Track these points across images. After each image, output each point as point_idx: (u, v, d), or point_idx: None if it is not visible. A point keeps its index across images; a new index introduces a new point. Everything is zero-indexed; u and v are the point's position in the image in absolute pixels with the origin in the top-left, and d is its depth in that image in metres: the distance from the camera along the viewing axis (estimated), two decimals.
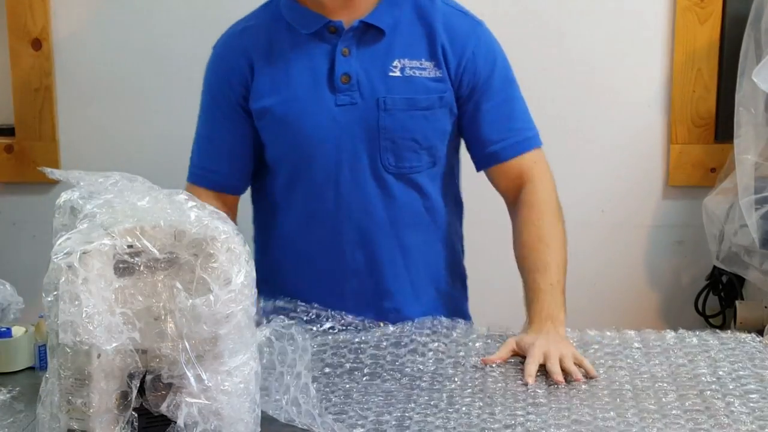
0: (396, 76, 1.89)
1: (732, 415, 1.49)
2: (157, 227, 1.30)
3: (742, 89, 2.41)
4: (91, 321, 1.25)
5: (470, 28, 1.94)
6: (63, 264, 1.25)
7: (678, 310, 2.79)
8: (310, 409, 1.44)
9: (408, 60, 1.90)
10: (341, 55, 1.88)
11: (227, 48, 1.97)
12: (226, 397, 1.31)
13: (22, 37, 2.73)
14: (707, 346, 1.79)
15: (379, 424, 1.48)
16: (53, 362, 1.29)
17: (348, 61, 1.88)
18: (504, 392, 1.59)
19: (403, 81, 1.89)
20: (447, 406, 1.54)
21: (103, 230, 1.29)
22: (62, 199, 1.41)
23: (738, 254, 2.42)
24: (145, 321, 1.29)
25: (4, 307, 1.92)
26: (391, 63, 1.89)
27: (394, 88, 1.89)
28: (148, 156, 2.79)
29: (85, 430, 1.28)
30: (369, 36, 1.90)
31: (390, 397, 1.58)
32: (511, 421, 1.48)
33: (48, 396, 1.31)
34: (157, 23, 2.74)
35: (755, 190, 2.32)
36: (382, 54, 1.90)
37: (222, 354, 1.31)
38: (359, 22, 1.88)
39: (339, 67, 1.88)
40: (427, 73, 1.90)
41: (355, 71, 1.88)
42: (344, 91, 1.88)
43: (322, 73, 1.89)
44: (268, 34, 1.93)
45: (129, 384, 1.28)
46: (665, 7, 2.68)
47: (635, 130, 2.73)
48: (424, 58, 1.91)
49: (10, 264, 2.77)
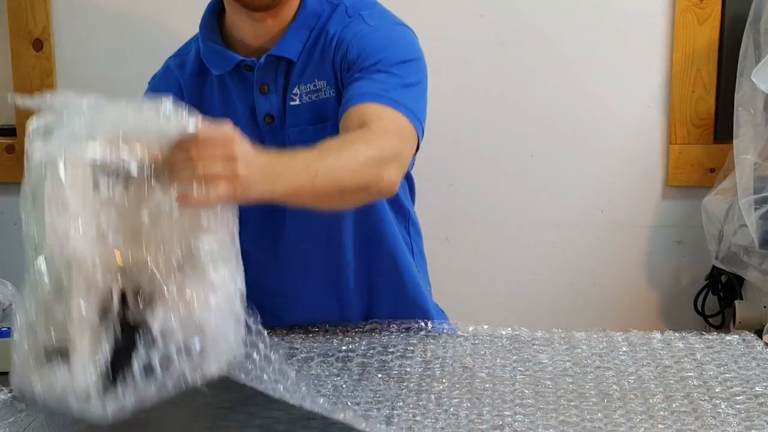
0: (296, 105, 1.82)
1: (719, 416, 1.50)
2: (141, 136, 1.24)
3: (742, 89, 2.41)
4: (77, 230, 1.20)
5: (343, 28, 1.83)
6: (48, 170, 1.20)
7: (677, 310, 2.79)
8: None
9: (304, 85, 1.82)
10: (260, 94, 1.83)
11: (163, 84, 1.93)
12: (209, 313, 1.25)
13: (23, 37, 2.74)
14: (693, 348, 1.79)
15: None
16: (29, 275, 1.23)
17: (268, 99, 1.83)
18: (492, 393, 1.60)
19: (305, 109, 1.82)
20: (435, 407, 1.55)
21: (86, 138, 1.22)
22: (34, 125, 1.30)
23: (737, 254, 2.42)
24: (129, 231, 1.24)
25: (6, 307, 1.93)
26: (292, 92, 1.82)
27: (299, 118, 1.82)
28: None
29: (64, 346, 1.22)
30: (281, 67, 1.83)
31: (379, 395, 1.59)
32: (499, 421, 1.49)
33: (24, 314, 1.25)
34: (158, 24, 2.75)
35: (754, 190, 2.32)
36: (284, 84, 1.83)
37: (204, 267, 1.26)
38: (266, 57, 1.81)
39: (261, 108, 1.83)
40: (323, 94, 1.82)
41: (277, 109, 1.83)
42: (269, 132, 1.83)
43: (245, 115, 1.84)
44: (195, 72, 1.88)
45: (110, 296, 1.22)
46: (664, 7, 2.68)
47: (634, 130, 2.73)
48: (317, 78, 1.82)
49: (11, 264, 2.77)
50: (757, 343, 1.81)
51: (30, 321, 1.24)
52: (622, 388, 1.61)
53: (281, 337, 1.87)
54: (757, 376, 1.66)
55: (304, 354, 1.79)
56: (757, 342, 1.82)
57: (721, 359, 1.73)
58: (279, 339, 1.87)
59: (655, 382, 1.63)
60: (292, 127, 1.83)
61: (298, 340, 1.86)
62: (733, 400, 1.56)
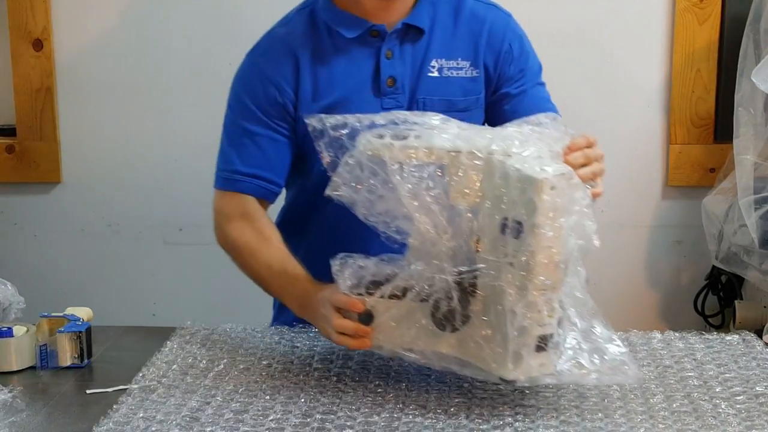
0: (434, 76, 1.88)
1: (719, 416, 1.50)
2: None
3: (742, 89, 2.41)
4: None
5: (504, 22, 1.93)
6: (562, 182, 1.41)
7: (677, 310, 2.80)
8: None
9: (445, 60, 1.88)
10: (385, 58, 1.87)
11: (272, 52, 1.90)
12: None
13: (23, 37, 2.75)
14: (694, 348, 1.80)
15: (368, 425, 1.49)
16: (517, 278, 1.43)
17: (392, 63, 1.87)
18: (492, 393, 1.60)
19: (441, 82, 1.88)
20: (435, 407, 1.55)
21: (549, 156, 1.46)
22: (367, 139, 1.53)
23: (737, 254, 2.42)
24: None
25: (6, 307, 1.93)
26: (429, 63, 1.88)
27: (433, 89, 1.88)
28: (149, 156, 2.81)
29: (549, 333, 1.45)
30: (409, 37, 1.88)
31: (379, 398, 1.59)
32: (499, 421, 1.49)
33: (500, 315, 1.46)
34: (158, 24, 2.76)
35: (754, 190, 2.32)
36: (421, 54, 1.88)
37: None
38: (402, 24, 1.86)
39: (384, 71, 1.87)
40: (464, 73, 1.89)
41: (400, 74, 1.87)
42: (390, 95, 1.87)
43: (367, 77, 1.87)
44: (310, 38, 1.89)
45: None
46: (664, 7, 2.68)
47: (635, 130, 2.74)
48: (461, 58, 1.89)
49: (12, 264, 2.78)
50: (757, 343, 1.81)
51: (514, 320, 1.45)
52: (622, 388, 1.61)
53: (282, 336, 1.88)
54: (757, 376, 1.66)
55: (305, 352, 1.79)
56: (757, 342, 1.82)
57: (721, 359, 1.74)
58: (279, 337, 1.87)
59: (655, 382, 1.63)
60: (423, 96, 1.87)
61: (299, 339, 1.86)
62: (734, 400, 1.56)
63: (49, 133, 2.79)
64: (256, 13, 2.68)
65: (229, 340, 1.87)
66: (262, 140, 1.88)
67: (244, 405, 1.56)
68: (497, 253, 1.47)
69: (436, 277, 1.52)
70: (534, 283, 1.43)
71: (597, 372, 1.49)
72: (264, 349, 1.82)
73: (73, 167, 2.82)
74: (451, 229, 1.51)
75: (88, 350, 1.77)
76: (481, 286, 1.51)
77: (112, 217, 2.85)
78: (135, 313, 2.85)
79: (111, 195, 2.83)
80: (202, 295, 2.85)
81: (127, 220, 2.84)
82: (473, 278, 1.51)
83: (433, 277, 1.53)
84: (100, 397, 1.61)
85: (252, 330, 1.92)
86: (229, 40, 2.72)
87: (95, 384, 1.67)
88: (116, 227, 2.85)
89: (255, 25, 2.73)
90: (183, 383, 1.66)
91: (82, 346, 1.75)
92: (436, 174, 1.51)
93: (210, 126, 2.74)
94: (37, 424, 1.53)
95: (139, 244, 2.85)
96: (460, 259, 1.52)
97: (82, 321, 1.80)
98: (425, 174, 1.51)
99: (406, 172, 1.51)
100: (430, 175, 1.51)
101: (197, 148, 2.77)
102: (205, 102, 2.75)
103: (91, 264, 2.86)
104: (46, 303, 2.05)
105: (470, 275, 1.51)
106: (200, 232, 2.82)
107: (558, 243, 1.42)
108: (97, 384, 1.66)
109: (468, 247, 1.51)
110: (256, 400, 1.58)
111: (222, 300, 2.82)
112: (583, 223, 1.45)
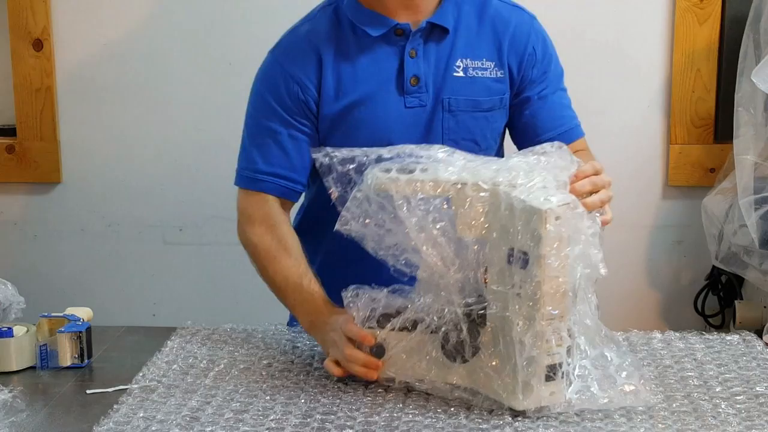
0: (459, 76, 1.88)
1: (719, 416, 1.50)
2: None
3: (742, 90, 2.41)
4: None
5: (528, 24, 1.94)
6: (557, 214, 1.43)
7: (677, 310, 2.80)
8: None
9: (470, 60, 1.88)
10: (409, 57, 1.86)
11: (295, 50, 1.89)
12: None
13: (23, 37, 2.75)
14: (694, 348, 1.80)
15: (368, 425, 1.49)
16: (525, 309, 1.45)
17: (416, 62, 1.87)
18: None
19: (467, 81, 1.88)
20: (435, 407, 1.55)
21: (555, 187, 1.48)
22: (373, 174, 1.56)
23: (737, 254, 2.42)
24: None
25: (6, 307, 1.94)
26: (455, 63, 1.88)
27: (458, 88, 1.87)
28: (149, 156, 2.81)
29: (558, 363, 1.47)
30: (434, 36, 1.88)
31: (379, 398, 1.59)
32: (499, 421, 1.49)
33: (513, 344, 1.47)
34: (158, 24, 2.76)
35: (754, 190, 2.32)
36: (446, 54, 1.88)
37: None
38: (426, 23, 1.86)
39: (408, 70, 1.86)
40: (489, 74, 1.89)
41: (424, 73, 1.87)
42: (413, 94, 1.87)
43: (391, 76, 1.87)
44: (334, 36, 1.89)
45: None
46: (665, 7, 2.68)
47: (635, 130, 2.74)
48: (485, 58, 1.89)
49: (12, 264, 2.79)
50: (757, 343, 1.81)
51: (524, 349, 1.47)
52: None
53: (282, 336, 1.88)
54: (758, 377, 1.66)
55: (306, 352, 1.80)
56: (757, 342, 1.82)
57: (722, 359, 1.74)
58: (279, 337, 1.87)
59: (655, 382, 1.63)
60: (449, 96, 1.87)
61: (299, 339, 1.86)
62: (734, 400, 1.56)
63: (49, 133, 2.79)
64: (256, 13, 2.69)
65: (230, 340, 1.87)
66: (284, 139, 1.87)
67: (244, 405, 1.57)
68: (505, 284, 1.49)
69: (445, 309, 1.55)
70: (541, 313, 1.44)
71: (608, 398, 1.51)
72: (264, 349, 1.82)
73: (73, 167, 2.82)
74: (458, 261, 1.54)
75: (89, 350, 1.77)
76: (489, 317, 1.52)
77: (113, 217, 2.85)
78: (135, 313, 2.85)
79: (111, 195, 2.83)
80: (202, 295, 2.85)
81: (127, 220, 2.84)
82: (482, 309, 1.53)
83: (442, 309, 1.55)
84: (101, 397, 1.62)
85: (252, 330, 1.92)
86: (229, 41, 2.72)
87: (95, 384, 1.67)
88: (116, 227, 2.85)
89: (255, 25, 2.75)
90: (183, 383, 1.66)
91: (82, 346, 1.76)
92: (443, 207, 1.53)
93: (210, 126, 2.76)
94: (38, 424, 1.53)
95: (139, 244, 2.85)
96: (468, 291, 1.55)
97: (82, 321, 1.80)
98: (431, 207, 1.53)
99: (413, 206, 1.52)
100: (437, 207, 1.53)
101: (197, 148, 2.78)
102: (205, 102, 2.75)
103: (92, 264, 2.86)
104: (46, 303, 2.05)
105: (479, 307, 1.53)
106: (200, 232, 2.82)
107: (564, 272, 1.44)
108: (98, 384, 1.66)
109: (476, 279, 1.54)
110: (256, 400, 1.59)
111: (222, 300, 2.82)
112: (588, 252, 1.47)
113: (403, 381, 1.60)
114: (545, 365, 1.47)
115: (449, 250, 1.54)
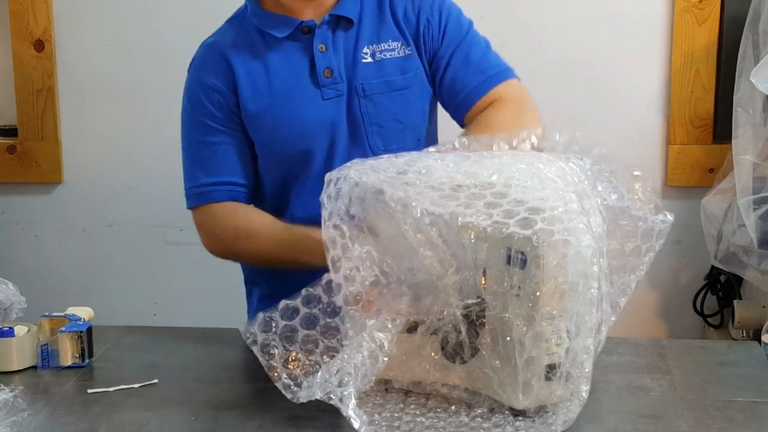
0: (368, 62, 1.92)
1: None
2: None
3: (741, 90, 2.42)
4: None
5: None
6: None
7: (676, 310, 2.80)
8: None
9: (376, 45, 1.93)
10: (319, 52, 1.91)
11: (206, 61, 1.96)
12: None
13: (25, 38, 2.76)
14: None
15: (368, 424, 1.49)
16: (524, 309, 1.44)
17: (326, 56, 1.91)
18: None
19: (376, 66, 1.92)
20: (436, 406, 1.55)
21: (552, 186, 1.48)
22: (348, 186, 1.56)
23: (736, 254, 2.42)
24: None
25: (7, 307, 1.93)
26: (362, 51, 1.93)
27: (369, 74, 1.92)
28: (150, 156, 2.81)
29: (558, 362, 1.46)
30: (340, 27, 1.93)
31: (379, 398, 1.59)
32: (501, 421, 1.49)
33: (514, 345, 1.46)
34: (159, 24, 2.76)
35: (753, 191, 2.32)
36: (353, 44, 1.93)
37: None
38: (330, 16, 1.91)
39: (320, 63, 1.91)
40: (397, 53, 1.93)
41: (335, 64, 1.91)
42: (329, 85, 1.91)
43: (304, 72, 1.91)
44: (241, 42, 1.94)
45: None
46: (664, 8, 2.69)
47: (634, 130, 2.74)
48: (391, 39, 1.94)
49: (13, 264, 2.79)
50: (756, 344, 1.81)
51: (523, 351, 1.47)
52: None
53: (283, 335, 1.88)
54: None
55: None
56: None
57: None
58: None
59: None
60: (361, 82, 1.92)
61: None
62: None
63: (51, 134, 2.80)
64: None
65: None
66: (220, 148, 1.93)
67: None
68: (503, 285, 1.48)
69: (444, 311, 1.54)
70: (541, 313, 1.44)
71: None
72: None
73: (74, 167, 2.82)
74: (456, 263, 1.53)
75: (89, 350, 1.77)
76: (488, 318, 1.52)
77: (113, 217, 2.85)
78: (136, 312, 2.85)
79: (112, 195, 2.84)
80: (202, 295, 2.86)
81: (127, 220, 2.85)
82: (481, 311, 1.52)
83: (441, 310, 1.55)
84: (101, 397, 1.62)
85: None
86: None
87: (96, 383, 1.67)
88: (117, 227, 2.86)
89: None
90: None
91: (83, 345, 1.76)
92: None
93: None
94: (38, 423, 1.53)
95: (140, 244, 2.86)
96: (467, 292, 1.54)
97: (83, 321, 1.80)
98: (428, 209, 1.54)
99: (409, 208, 1.52)
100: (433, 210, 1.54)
101: None
102: None
103: (92, 264, 2.87)
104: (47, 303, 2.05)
105: (478, 308, 1.53)
106: None
107: (563, 272, 1.44)
108: (98, 383, 1.66)
109: (474, 280, 1.53)
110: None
111: (222, 300, 2.83)
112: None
113: (403, 382, 1.61)
114: (545, 365, 1.47)
115: (447, 251, 1.55)
